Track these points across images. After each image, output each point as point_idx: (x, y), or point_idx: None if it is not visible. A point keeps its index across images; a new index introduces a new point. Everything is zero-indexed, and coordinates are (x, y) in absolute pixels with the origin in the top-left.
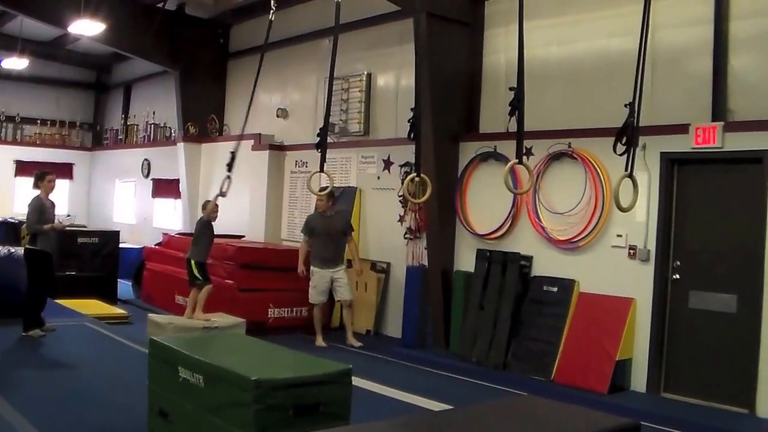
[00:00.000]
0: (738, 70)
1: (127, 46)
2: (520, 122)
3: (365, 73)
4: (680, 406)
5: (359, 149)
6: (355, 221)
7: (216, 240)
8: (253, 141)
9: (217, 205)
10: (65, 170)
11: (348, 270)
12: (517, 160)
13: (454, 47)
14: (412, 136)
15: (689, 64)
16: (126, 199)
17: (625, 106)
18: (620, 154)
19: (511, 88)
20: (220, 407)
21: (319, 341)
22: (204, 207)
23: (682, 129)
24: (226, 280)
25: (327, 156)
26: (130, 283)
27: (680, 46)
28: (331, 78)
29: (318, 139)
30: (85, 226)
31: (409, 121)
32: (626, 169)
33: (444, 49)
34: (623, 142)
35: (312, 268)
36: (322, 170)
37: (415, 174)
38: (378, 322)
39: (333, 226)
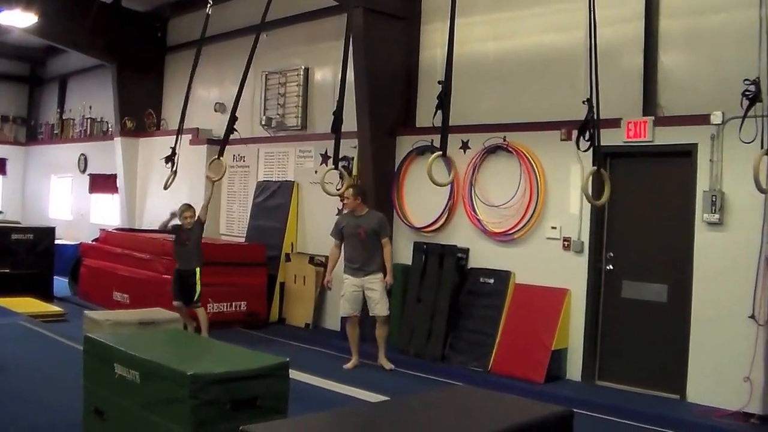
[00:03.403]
0: (668, 66)
1: (61, 38)
2: (445, 115)
3: (303, 67)
4: (614, 394)
5: (297, 143)
6: (292, 215)
7: (152, 235)
8: (191, 135)
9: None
10: None
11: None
12: (440, 152)
13: (390, 42)
14: (333, 129)
15: (621, 60)
16: (62, 195)
17: (584, 102)
18: (585, 150)
19: (439, 82)
20: (157, 403)
21: (351, 363)
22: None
23: (614, 123)
24: (164, 275)
25: (264, 150)
26: (67, 280)
27: (612, 43)
28: (246, 71)
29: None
30: (19, 223)
31: (333, 114)
32: (594, 165)
33: (380, 43)
34: (586, 138)
35: (343, 275)
36: (221, 156)
37: (333, 167)
38: (317, 315)
39: (363, 226)
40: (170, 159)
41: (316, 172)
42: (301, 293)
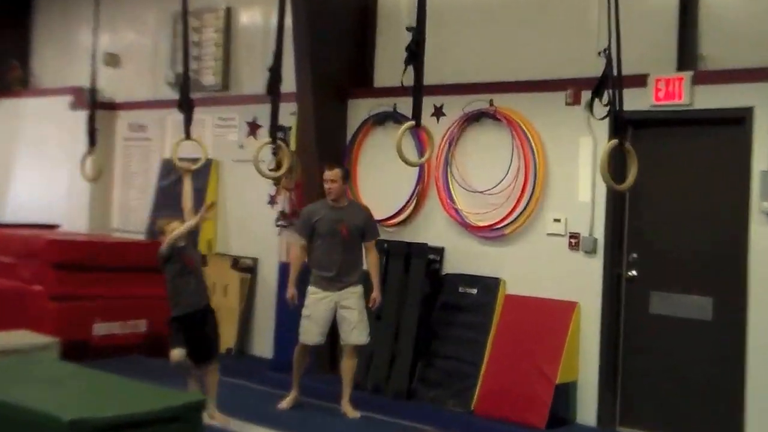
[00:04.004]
0: (712, 4)
1: None
2: (419, 73)
3: (224, 7)
4: None
5: (215, 108)
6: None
7: (21, 231)
8: (71, 97)
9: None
10: None
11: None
12: (413, 122)
13: None
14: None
15: None
16: None
17: (600, 54)
18: (601, 118)
19: (408, 29)
20: None
21: (289, 399)
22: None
23: (638, 81)
24: (33, 285)
25: (172, 117)
26: None
27: None
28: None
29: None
30: None
31: (268, 70)
32: (612, 137)
33: None
34: (604, 101)
35: (309, 287)
36: (188, 136)
37: (270, 140)
38: (242, 337)
39: (346, 222)
40: (92, 135)
41: (241, 146)
42: (222, 308)
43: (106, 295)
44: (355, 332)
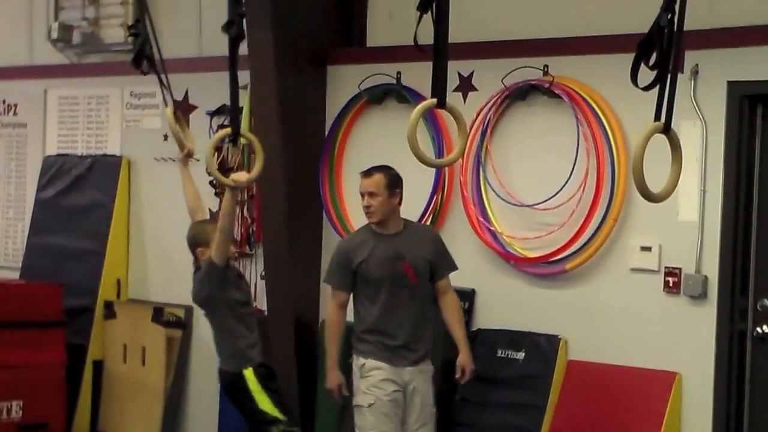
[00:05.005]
0: None
1: None
2: (442, 25)
3: None
4: None
5: (124, 79)
6: (119, 226)
7: None
8: None
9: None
10: None
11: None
12: (434, 100)
13: None
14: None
15: None
16: None
17: None
18: (645, 88)
19: None
20: None
21: None
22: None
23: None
24: None
25: (59, 92)
26: None
27: None
28: None
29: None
30: None
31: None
32: (656, 118)
33: None
34: (651, 64)
35: (360, 360)
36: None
37: (230, 131)
38: (169, 426)
39: (410, 258)
40: None
41: (166, 137)
42: (138, 383)
43: None
44: (425, 431)
